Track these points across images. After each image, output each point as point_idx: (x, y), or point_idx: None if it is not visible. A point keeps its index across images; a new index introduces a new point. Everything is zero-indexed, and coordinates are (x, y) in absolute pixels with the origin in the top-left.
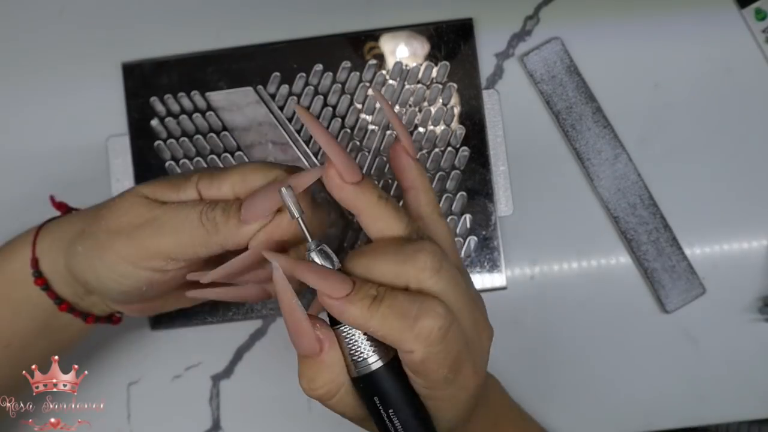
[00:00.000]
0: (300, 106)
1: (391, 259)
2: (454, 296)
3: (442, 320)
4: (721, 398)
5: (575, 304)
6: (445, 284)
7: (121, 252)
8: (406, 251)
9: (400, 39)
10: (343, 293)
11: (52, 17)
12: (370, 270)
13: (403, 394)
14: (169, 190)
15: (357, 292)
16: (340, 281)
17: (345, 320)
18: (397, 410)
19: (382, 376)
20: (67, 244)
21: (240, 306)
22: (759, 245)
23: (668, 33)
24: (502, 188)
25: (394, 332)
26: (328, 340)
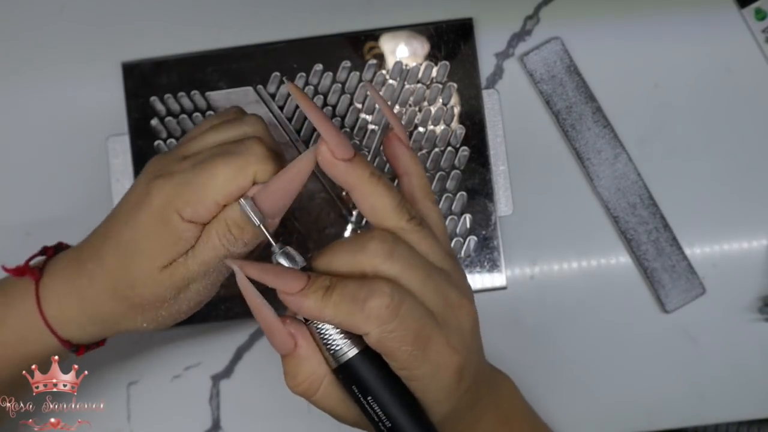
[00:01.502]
0: (291, 84)
1: (346, 251)
2: (410, 277)
3: (389, 298)
4: (721, 398)
5: (575, 304)
6: (400, 267)
7: (184, 310)
8: (358, 242)
9: (400, 39)
10: (298, 288)
11: (52, 17)
12: (331, 264)
13: (383, 381)
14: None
15: (311, 286)
16: (295, 277)
17: (303, 313)
18: (376, 397)
19: (357, 363)
20: (102, 326)
21: (240, 306)
22: (759, 245)
23: (668, 33)
24: (502, 188)
25: (347, 317)
26: (301, 334)
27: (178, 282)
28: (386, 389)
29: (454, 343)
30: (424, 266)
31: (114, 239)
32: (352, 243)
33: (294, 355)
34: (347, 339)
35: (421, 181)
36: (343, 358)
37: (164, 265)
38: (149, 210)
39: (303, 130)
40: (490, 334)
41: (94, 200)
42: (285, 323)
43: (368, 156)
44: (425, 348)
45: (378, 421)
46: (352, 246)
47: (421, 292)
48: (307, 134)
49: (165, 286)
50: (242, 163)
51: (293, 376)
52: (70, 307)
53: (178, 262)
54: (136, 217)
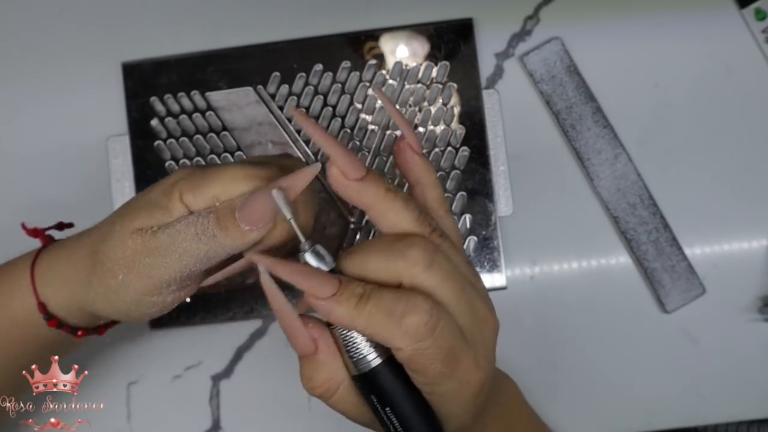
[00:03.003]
0: (296, 110)
1: (382, 256)
2: (447, 291)
3: (428, 316)
4: (721, 398)
5: (575, 304)
6: (438, 279)
7: (139, 289)
8: (397, 247)
9: (400, 39)
10: (329, 293)
11: (52, 17)
12: (363, 268)
13: (403, 392)
14: (157, 213)
15: (343, 292)
16: (326, 281)
17: (332, 320)
18: (394, 408)
19: (379, 374)
20: (77, 286)
21: (240, 306)
22: (759, 245)
23: (668, 33)
24: (502, 188)
25: (381, 330)
26: (323, 339)
27: (140, 249)
28: (405, 401)
29: (479, 359)
30: (460, 279)
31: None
32: (389, 247)
33: (313, 359)
34: (371, 348)
35: (436, 191)
36: (364, 368)
37: (137, 228)
38: (162, 183)
39: (303, 131)
40: None
41: (94, 200)
42: (307, 326)
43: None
44: (453, 366)
45: (393, 431)
46: (389, 250)
47: (454, 306)
48: (307, 134)
49: (128, 247)
50: (255, 173)
51: (309, 379)
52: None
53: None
54: (147, 190)
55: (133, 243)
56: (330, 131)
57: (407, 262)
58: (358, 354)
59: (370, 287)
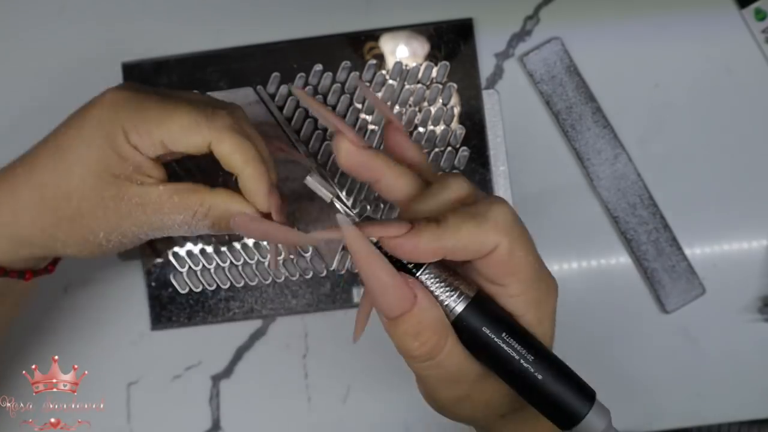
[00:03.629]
0: (298, 89)
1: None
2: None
3: (508, 205)
4: (721, 398)
5: (575, 304)
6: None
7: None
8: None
9: (400, 39)
10: (407, 229)
11: (52, 17)
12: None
13: (506, 318)
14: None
15: (419, 223)
16: (398, 222)
17: (421, 252)
18: (509, 331)
19: (477, 306)
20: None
21: (240, 306)
22: (759, 245)
23: (668, 33)
24: (502, 188)
25: (472, 236)
26: (416, 285)
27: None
28: (512, 325)
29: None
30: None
31: (51, 142)
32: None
33: (413, 312)
34: (455, 287)
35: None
36: (458, 308)
37: (101, 173)
38: (97, 115)
39: (303, 130)
40: None
41: None
42: None
43: None
44: (539, 261)
45: (519, 358)
46: (430, 190)
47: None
48: (307, 134)
49: (103, 198)
50: (204, 121)
51: (416, 335)
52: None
53: (130, 186)
54: (81, 121)
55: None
56: (330, 131)
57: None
58: (451, 295)
59: (444, 213)
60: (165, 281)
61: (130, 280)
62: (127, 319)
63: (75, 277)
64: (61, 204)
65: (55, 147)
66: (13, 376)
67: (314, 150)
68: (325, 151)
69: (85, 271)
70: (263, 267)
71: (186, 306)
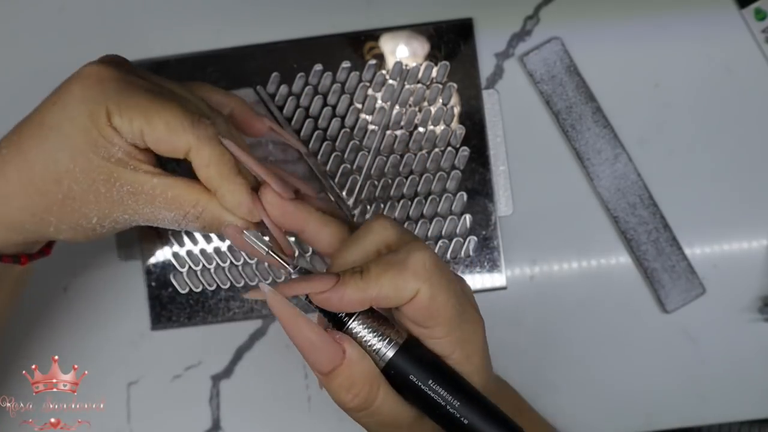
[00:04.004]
0: (227, 140)
1: (352, 241)
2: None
3: (428, 251)
4: (721, 398)
5: (575, 304)
6: (407, 236)
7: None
8: (362, 229)
9: (400, 39)
10: (332, 283)
11: (51, 17)
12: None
13: (435, 363)
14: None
15: (344, 275)
16: (325, 276)
17: (347, 303)
18: (436, 376)
19: (406, 353)
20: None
21: (240, 306)
22: (759, 245)
23: (668, 33)
24: (502, 188)
25: (394, 283)
26: (345, 339)
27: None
28: (441, 370)
29: (473, 302)
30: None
31: (36, 120)
32: (354, 235)
33: (344, 366)
34: (385, 335)
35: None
36: (388, 355)
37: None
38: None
39: (303, 130)
40: (491, 334)
41: None
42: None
43: (368, 156)
44: (462, 304)
45: (445, 404)
46: (354, 236)
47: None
48: (307, 134)
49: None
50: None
51: (349, 387)
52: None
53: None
54: (64, 97)
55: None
56: (330, 131)
57: (375, 232)
58: (378, 343)
59: (364, 263)
60: (165, 281)
61: (130, 280)
62: (127, 319)
63: (75, 277)
64: (51, 187)
65: (39, 126)
66: (13, 376)
67: (314, 150)
68: (325, 151)
69: (85, 271)
70: (263, 267)
71: (186, 306)
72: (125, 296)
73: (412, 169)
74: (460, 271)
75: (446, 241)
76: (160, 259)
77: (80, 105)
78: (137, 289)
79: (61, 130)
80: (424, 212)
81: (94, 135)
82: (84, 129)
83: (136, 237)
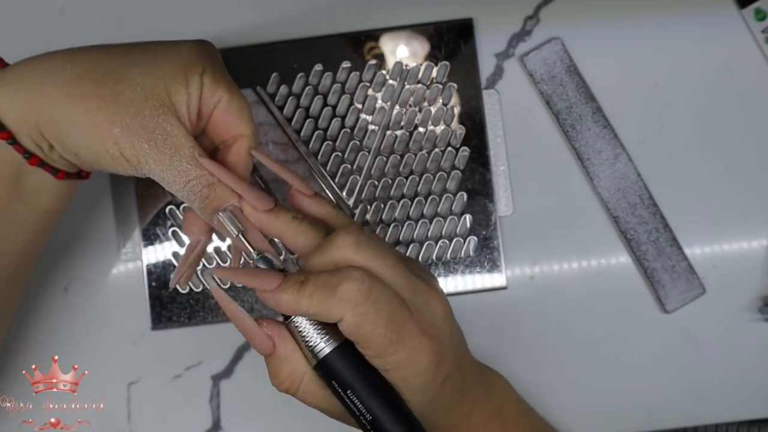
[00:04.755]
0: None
1: (317, 250)
2: (379, 264)
3: (360, 282)
4: (721, 398)
5: (575, 304)
6: (368, 255)
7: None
8: (327, 240)
9: (400, 39)
10: (275, 285)
11: (51, 19)
12: (306, 265)
13: (361, 374)
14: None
15: (287, 281)
16: (271, 276)
17: (281, 308)
18: (354, 390)
19: (335, 358)
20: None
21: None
22: (759, 245)
23: (668, 33)
24: (502, 188)
25: (321, 305)
26: (277, 335)
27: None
28: (365, 382)
29: (426, 328)
30: (392, 254)
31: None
32: (323, 243)
33: (274, 356)
34: (324, 335)
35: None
36: (321, 354)
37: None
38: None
39: (303, 131)
40: (491, 334)
41: (94, 200)
42: (262, 326)
43: (368, 156)
44: (398, 331)
45: (359, 415)
46: (321, 245)
47: (391, 278)
48: (307, 134)
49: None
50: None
51: (275, 375)
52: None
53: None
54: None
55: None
56: (330, 131)
57: (336, 246)
58: (313, 343)
59: (310, 274)
60: (165, 281)
61: (131, 280)
62: (127, 319)
63: (75, 277)
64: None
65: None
66: (13, 376)
67: (314, 150)
68: (325, 151)
69: (85, 271)
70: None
71: (186, 306)
72: (125, 296)
73: (412, 169)
74: (460, 271)
75: (446, 241)
76: (160, 259)
77: (190, 50)
78: (137, 289)
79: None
80: (424, 212)
81: (182, 79)
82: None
83: (137, 237)
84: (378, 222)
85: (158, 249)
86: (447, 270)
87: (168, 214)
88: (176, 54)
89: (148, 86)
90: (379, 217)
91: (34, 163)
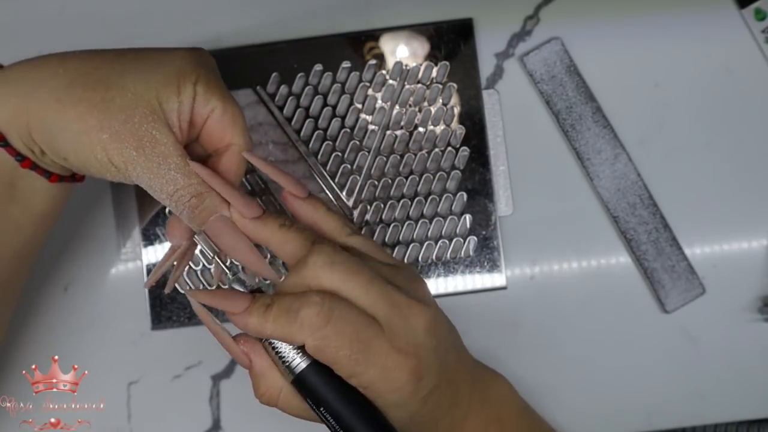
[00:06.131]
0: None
1: (292, 270)
2: (352, 285)
3: (318, 307)
4: (721, 398)
5: (575, 304)
6: (340, 275)
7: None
8: (301, 260)
9: (400, 39)
10: (242, 308)
11: (51, 19)
12: (280, 286)
13: (335, 391)
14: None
15: (254, 304)
16: (240, 299)
17: (248, 331)
18: (327, 407)
19: (307, 376)
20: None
21: None
22: (759, 245)
23: (668, 33)
24: (502, 188)
25: (283, 329)
26: (254, 352)
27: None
28: (338, 399)
29: (401, 345)
30: (366, 271)
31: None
32: (295, 265)
33: (253, 371)
34: (299, 352)
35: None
36: (296, 371)
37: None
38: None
39: (303, 131)
40: (490, 334)
41: (93, 200)
42: (239, 343)
43: (368, 156)
44: (365, 352)
45: (334, 430)
46: (295, 265)
47: (363, 297)
48: (307, 134)
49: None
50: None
51: (255, 388)
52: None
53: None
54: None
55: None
56: (330, 131)
57: (308, 267)
58: (288, 360)
59: (277, 296)
60: (165, 281)
61: (130, 280)
62: (127, 319)
63: (75, 277)
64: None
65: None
66: (13, 376)
67: (314, 150)
68: (325, 151)
69: (85, 271)
70: None
71: (186, 306)
72: (125, 296)
73: (412, 169)
74: (460, 271)
75: (446, 241)
76: (160, 259)
77: (183, 59)
78: (137, 289)
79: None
80: (424, 212)
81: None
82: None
83: (137, 236)
84: (378, 222)
85: (158, 249)
86: (447, 270)
87: (168, 214)
88: (170, 62)
89: (139, 93)
90: (378, 217)
91: (27, 166)
